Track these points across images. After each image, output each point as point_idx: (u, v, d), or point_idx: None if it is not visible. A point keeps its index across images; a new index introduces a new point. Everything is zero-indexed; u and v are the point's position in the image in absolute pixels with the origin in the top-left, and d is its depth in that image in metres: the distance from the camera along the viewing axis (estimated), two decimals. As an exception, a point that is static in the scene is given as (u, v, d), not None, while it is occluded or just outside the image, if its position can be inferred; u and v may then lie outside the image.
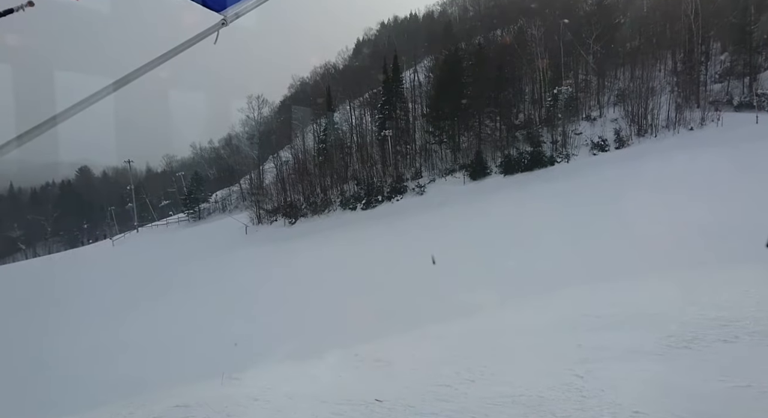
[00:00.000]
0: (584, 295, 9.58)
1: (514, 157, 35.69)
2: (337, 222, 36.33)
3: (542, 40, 42.36)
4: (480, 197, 30.18)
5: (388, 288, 13.83)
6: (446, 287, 12.48)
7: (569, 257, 13.15)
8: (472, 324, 8.84)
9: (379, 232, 27.71)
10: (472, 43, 48.37)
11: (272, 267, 23.67)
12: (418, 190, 37.73)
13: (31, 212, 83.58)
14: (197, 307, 17.54)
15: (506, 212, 23.13)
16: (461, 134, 41.74)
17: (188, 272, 26.28)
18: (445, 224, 24.21)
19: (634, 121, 35.05)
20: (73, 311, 21.30)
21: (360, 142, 47.99)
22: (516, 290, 11.01)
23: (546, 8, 48.46)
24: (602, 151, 34.21)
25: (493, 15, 61.11)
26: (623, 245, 13.00)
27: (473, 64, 42.41)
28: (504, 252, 15.31)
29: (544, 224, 18.33)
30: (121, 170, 78.35)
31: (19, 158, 10.60)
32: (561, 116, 37.40)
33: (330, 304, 13.51)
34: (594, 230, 15.58)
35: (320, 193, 42.70)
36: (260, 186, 50.25)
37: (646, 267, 10.70)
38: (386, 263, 17.69)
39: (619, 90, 39.51)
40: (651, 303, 7.91)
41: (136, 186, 69.28)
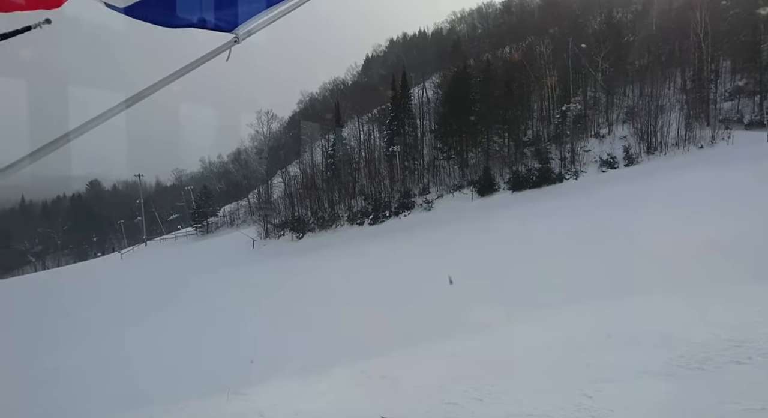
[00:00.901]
0: (594, 313, 9.48)
1: (522, 174, 35.64)
2: (345, 237, 36.31)
3: (551, 57, 42.60)
4: (488, 213, 30.10)
5: (395, 303, 13.75)
6: (453, 303, 12.38)
7: (578, 274, 13.03)
8: (479, 341, 8.76)
9: (386, 247, 27.65)
10: (481, 60, 48.73)
11: (279, 282, 23.63)
12: (426, 206, 37.71)
13: (41, 225, 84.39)
14: (203, 321, 17.51)
15: (515, 228, 23.03)
16: (469, 150, 41.81)
17: (194, 286, 26.30)
18: (453, 240, 24.12)
19: (644, 138, 34.97)
20: (76, 325, 21.33)
21: (368, 158, 48.17)
22: (525, 307, 10.91)
23: (554, 26, 48.83)
24: (611, 169, 34.09)
25: (501, 32, 61.58)
26: (633, 263, 12.87)
27: (481, 81, 42.66)
28: (512, 269, 15.20)
29: (552, 240, 18.21)
30: (131, 184, 79.14)
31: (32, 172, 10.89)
32: (569, 133, 37.40)
33: (336, 319, 13.44)
34: (603, 247, 15.46)
35: (328, 208, 42.76)
36: (268, 200, 50.47)
37: (656, 285, 10.58)
38: (393, 278, 17.61)
39: (628, 107, 39.52)
40: (661, 322, 7.81)
41: (146, 200, 69.83)
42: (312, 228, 41.14)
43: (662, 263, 11.97)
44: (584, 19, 50.66)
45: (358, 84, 73.55)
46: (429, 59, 64.21)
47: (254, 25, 2.49)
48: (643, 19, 46.35)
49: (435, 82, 54.08)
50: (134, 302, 25.20)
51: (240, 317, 16.79)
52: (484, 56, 50.41)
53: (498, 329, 9.42)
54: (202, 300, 21.95)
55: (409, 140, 44.89)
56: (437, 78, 54.28)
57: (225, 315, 17.74)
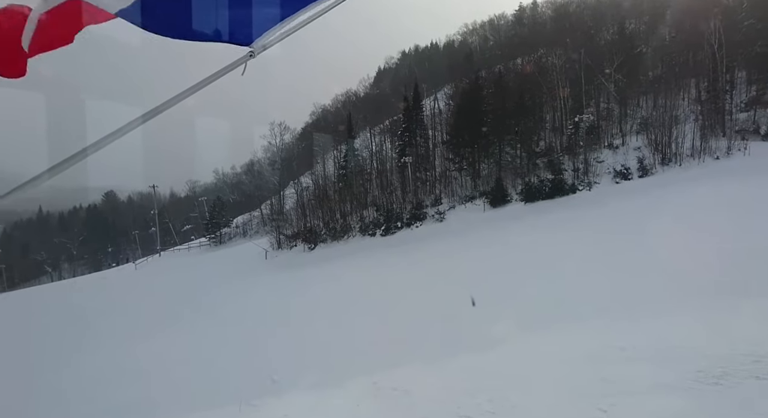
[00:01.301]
0: (608, 326, 9.35)
1: (534, 185, 35.47)
2: (356, 248, 36.32)
3: (563, 68, 42.57)
4: (500, 225, 29.95)
5: (407, 315, 13.69)
6: (467, 316, 12.30)
7: (593, 286, 12.89)
8: (493, 354, 8.68)
9: (398, 258, 27.60)
10: (493, 72, 48.85)
11: (291, 293, 23.65)
12: (438, 217, 37.64)
13: (58, 236, 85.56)
14: (216, 332, 17.55)
15: (528, 239, 22.88)
16: (481, 161, 41.77)
17: (207, 298, 26.41)
18: (465, 252, 24.01)
19: (658, 149, 34.67)
20: (90, 336, 21.49)
21: (380, 169, 48.35)
22: (538, 320, 10.80)
23: (566, 37, 48.84)
24: (625, 180, 33.80)
25: (513, 44, 61.74)
26: (649, 275, 12.70)
27: (493, 92, 42.71)
28: (526, 281, 15.07)
29: (566, 252, 18.05)
30: (145, 195, 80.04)
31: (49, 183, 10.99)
32: (582, 144, 37.22)
33: (348, 330, 13.40)
34: (618, 259, 15.28)
35: (340, 218, 42.87)
36: (281, 211, 50.76)
37: (673, 298, 10.42)
38: (405, 289, 17.55)
39: (641, 118, 39.27)
40: (678, 336, 7.68)
41: (160, 210, 70.58)
42: (324, 239, 41.24)
43: (678, 276, 11.80)
44: (596, 30, 50.60)
45: (370, 96, 74.05)
46: (441, 71, 64.52)
47: (269, 39, 2.53)
48: (656, 29, 46.18)
49: (447, 94, 54.29)
50: (147, 313, 25.37)
51: (251, 329, 16.82)
52: (496, 68, 50.56)
53: (510, 343, 9.33)
54: (214, 312, 22.03)
55: (420, 151, 45.01)
56: (449, 89, 54.50)
57: (237, 327, 17.77)
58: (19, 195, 2.35)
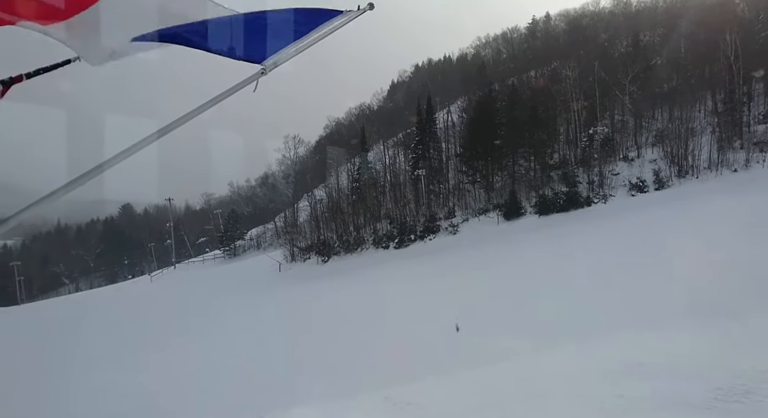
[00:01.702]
0: (625, 341, 9.19)
1: (549, 198, 35.22)
2: (370, 261, 36.27)
3: (576, 81, 42.43)
4: (514, 238, 29.74)
5: (419, 329, 13.59)
6: (478, 330, 12.17)
7: (609, 300, 12.68)
8: (506, 369, 8.57)
9: (411, 271, 27.48)
10: (506, 84, 48.87)
11: (304, 305, 23.64)
12: (451, 229, 37.51)
13: (76, 248, 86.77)
14: (227, 344, 17.57)
15: (542, 252, 22.65)
16: (495, 174, 41.64)
17: (220, 309, 26.50)
18: (479, 265, 23.85)
19: (674, 162, 34.27)
20: (102, 348, 21.65)
21: (393, 182, 48.43)
22: (553, 334, 10.65)
23: (580, 50, 48.76)
24: (641, 193, 33.43)
25: (526, 57, 61.82)
26: (666, 289, 12.47)
27: (507, 105, 42.70)
28: (540, 294, 14.89)
29: (581, 265, 17.83)
30: (161, 208, 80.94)
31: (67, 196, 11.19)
32: (597, 157, 36.94)
33: (360, 344, 13.33)
34: (635, 273, 15.04)
35: (353, 231, 42.91)
36: (294, 224, 50.97)
37: (692, 313, 10.22)
38: (418, 302, 17.44)
39: (657, 130, 38.90)
40: (697, 351, 7.52)
41: (175, 223, 71.26)
42: (337, 251, 41.28)
43: (697, 291, 11.58)
44: (610, 42, 50.50)
45: (383, 109, 74.46)
46: (454, 84, 64.74)
47: (281, 56, 2.58)
48: (671, 41, 45.90)
49: (460, 107, 54.37)
50: (161, 325, 25.50)
51: (264, 341, 16.80)
52: (510, 80, 50.56)
53: (524, 357, 9.20)
54: (227, 324, 22.08)
55: (434, 164, 45.03)
56: (462, 102, 54.58)
57: (248, 340, 17.77)
58: (38, 210, 2.39)
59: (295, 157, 58.69)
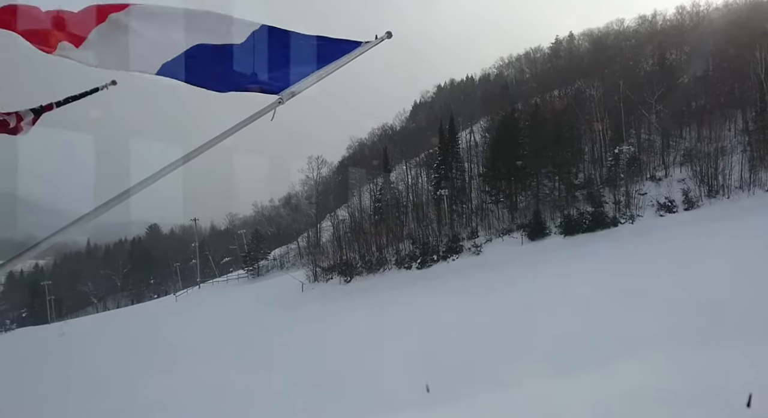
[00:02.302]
0: (656, 366, 8.85)
1: (574, 218, 34.66)
2: (392, 281, 36.05)
3: (601, 100, 42.09)
4: (539, 258, 29.24)
5: (439, 351, 13.38)
6: (500, 353, 11.92)
7: (638, 322, 12.29)
8: (529, 393, 8.32)
9: (433, 293, 27.21)
10: (529, 104, 48.73)
11: (326, 326, 23.54)
12: (475, 250, 37.13)
13: (104, 268, 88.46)
14: (246, 367, 17.52)
15: (567, 273, 22.19)
16: (518, 194, 41.27)
17: (242, 331, 26.55)
18: (502, 285, 23.48)
19: (704, 181, 33.49)
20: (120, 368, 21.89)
21: (416, 202, 48.37)
22: (580, 357, 10.35)
23: (604, 69, 48.48)
24: (670, 213, 32.68)
25: (549, 76, 61.67)
26: (698, 312, 12.05)
27: (530, 125, 42.49)
28: (566, 316, 14.54)
29: (609, 286, 17.40)
30: (187, 228, 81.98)
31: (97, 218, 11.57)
32: (623, 176, 36.33)
33: (377, 367, 13.15)
34: (664, 295, 14.58)
35: (375, 251, 42.80)
36: (317, 244, 51.13)
37: (726, 337, 9.81)
38: (439, 325, 17.22)
39: (685, 150, 38.16)
40: (733, 378, 7.19)
41: (200, 243, 72.18)
42: (360, 272, 41.16)
43: (732, 314, 11.16)
44: (635, 61, 50.11)
45: (406, 129, 74.83)
46: (476, 104, 64.82)
47: (298, 86, 2.60)
48: (698, 59, 45.31)
49: (483, 127, 54.30)
50: (183, 344, 25.64)
51: (281, 364, 16.69)
52: (533, 100, 50.43)
53: (550, 381, 8.93)
54: (246, 346, 22.07)
55: (456, 184, 44.88)
56: (485, 122, 54.53)
57: (266, 361, 17.71)
58: (69, 233, 2.42)
59: (318, 177, 59.20)
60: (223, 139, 2.36)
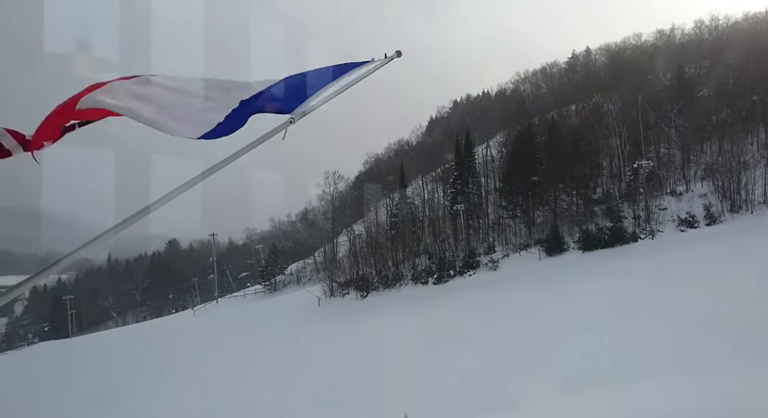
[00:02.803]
0: (680, 386, 8.65)
1: (593, 233, 34.22)
2: (408, 297, 35.86)
3: (619, 114, 41.76)
4: (557, 273, 28.90)
5: (454, 369, 13.24)
6: (518, 371, 11.77)
7: (661, 341, 12.04)
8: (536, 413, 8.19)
9: (450, 308, 27.00)
10: (546, 119, 48.54)
11: (343, 344, 23.44)
12: (492, 265, 36.82)
13: (124, 282, 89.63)
14: (262, 386, 17.51)
15: (587, 290, 21.84)
16: (536, 209, 40.94)
17: (258, 347, 26.57)
18: (520, 301, 23.21)
19: (726, 196, 32.86)
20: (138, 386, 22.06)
21: (432, 217, 48.26)
22: (600, 377, 10.16)
23: (622, 83, 48.16)
24: (691, 228, 32.09)
25: (566, 91, 61.47)
26: (723, 331, 11.76)
27: (547, 139, 42.30)
28: (586, 334, 14.29)
29: (629, 303, 17.08)
30: (205, 243, 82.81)
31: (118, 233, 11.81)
32: (643, 191, 35.84)
33: (394, 385, 13.05)
34: (687, 312, 14.26)
35: (392, 266, 42.69)
36: (334, 259, 51.18)
37: (756, 358, 9.52)
38: (455, 341, 17.06)
39: (706, 164, 37.55)
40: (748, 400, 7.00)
41: (218, 258, 72.75)
42: (376, 287, 41.06)
43: (750, 334, 10.86)
44: (653, 75, 49.69)
45: (422, 144, 75.00)
46: (493, 119, 64.75)
47: (309, 106, 2.66)
48: (718, 73, 44.78)
49: (499, 141, 54.21)
50: (193, 364, 25.72)
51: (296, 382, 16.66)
52: (550, 115, 50.25)
53: (568, 401, 8.78)
54: (262, 363, 22.07)
55: (473, 199, 44.70)
56: (501, 137, 54.44)
57: (282, 379, 17.69)
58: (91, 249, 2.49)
59: (335, 192, 59.47)
60: (236, 158, 2.42)
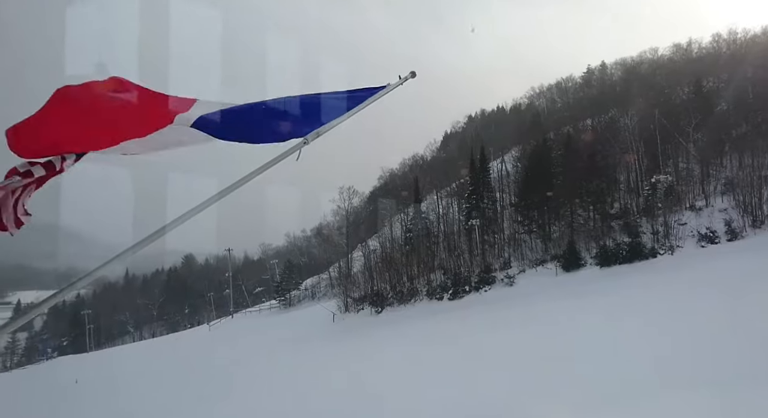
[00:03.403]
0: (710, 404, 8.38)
1: (610, 249, 33.76)
2: (423, 312, 35.55)
3: (636, 128, 41.44)
4: (575, 290, 28.46)
5: (473, 388, 13.03)
6: (525, 391, 11.54)
7: (690, 358, 11.71)
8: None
9: (465, 324, 26.69)
10: (561, 133, 48.35)
11: (358, 361, 23.23)
12: (507, 281, 36.45)
13: (141, 297, 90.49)
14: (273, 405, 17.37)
15: (606, 306, 21.45)
16: (552, 224, 40.58)
17: (272, 364, 26.45)
18: (537, 318, 22.85)
19: (747, 211, 32.26)
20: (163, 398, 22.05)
21: (447, 232, 48.08)
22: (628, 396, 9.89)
23: (638, 97, 47.85)
24: (712, 244, 31.49)
25: (581, 105, 61.23)
26: (752, 348, 11.40)
27: (563, 154, 42.09)
28: (612, 352, 13.97)
29: (652, 320, 16.71)
30: (221, 258, 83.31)
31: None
32: (661, 206, 35.35)
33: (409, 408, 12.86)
34: (715, 329, 13.88)
35: (407, 282, 42.50)
36: (348, 274, 51.13)
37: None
38: (471, 359, 16.81)
39: (726, 179, 36.99)
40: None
41: (234, 273, 73.09)
42: (391, 302, 40.83)
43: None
44: (671, 89, 49.31)
45: (436, 159, 75.03)
46: (507, 133, 64.74)
47: (323, 127, 2.67)
48: (737, 86, 44.28)
49: (514, 156, 54.07)
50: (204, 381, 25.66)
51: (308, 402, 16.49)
52: (565, 129, 50.04)
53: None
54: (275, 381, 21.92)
55: (488, 214, 44.50)
56: (516, 152, 54.30)
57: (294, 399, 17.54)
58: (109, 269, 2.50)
59: (350, 207, 59.63)
60: (251, 178, 2.44)
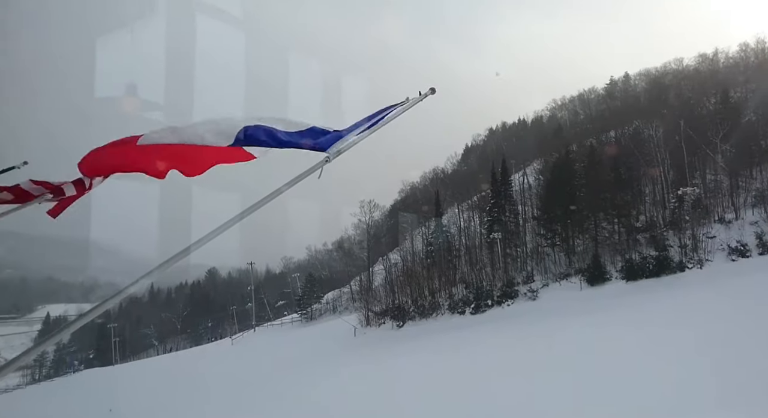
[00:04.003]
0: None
1: (636, 262, 33.04)
2: (446, 326, 35.16)
3: (661, 140, 40.76)
4: (600, 304, 27.85)
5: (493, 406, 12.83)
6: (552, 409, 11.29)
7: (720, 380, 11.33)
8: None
9: (488, 339, 26.27)
10: (584, 145, 47.76)
11: (379, 378, 23.02)
12: (531, 295, 35.92)
13: (165, 311, 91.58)
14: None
15: (633, 322, 20.91)
16: (576, 237, 39.96)
17: (292, 380, 26.39)
18: (562, 333, 22.39)
19: (779, 223, 31.36)
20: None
21: (468, 245, 47.73)
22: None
23: (663, 108, 47.10)
24: (743, 257, 30.60)
25: (604, 117, 60.43)
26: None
27: (586, 166, 41.55)
28: (637, 372, 13.59)
29: (682, 338, 16.23)
30: (243, 271, 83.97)
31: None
32: (689, 219, 34.55)
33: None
34: (748, 346, 13.40)
35: (428, 296, 42.19)
36: (369, 288, 51.01)
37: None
38: (496, 376, 16.54)
39: (756, 190, 36.02)
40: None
41: (256, 287, 73.55)
42: (412, 316, 40.55)
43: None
44: (696, 100, 48.46)
45: (457, 172, 74.70)
46: (529, 146, 64.07)
47: (344, 145, 2.70)
48: (765, 97, 43.28)
49: (536, 169, 53.59)
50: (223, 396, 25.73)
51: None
52: (588, 141, 49.42)
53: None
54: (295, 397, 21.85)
55: (510, 227, 44.07)
56: (538, 164, 53.81)
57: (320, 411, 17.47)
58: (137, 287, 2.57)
59: (371, 221, 59.68)
60: (274, 197, 2.47)
